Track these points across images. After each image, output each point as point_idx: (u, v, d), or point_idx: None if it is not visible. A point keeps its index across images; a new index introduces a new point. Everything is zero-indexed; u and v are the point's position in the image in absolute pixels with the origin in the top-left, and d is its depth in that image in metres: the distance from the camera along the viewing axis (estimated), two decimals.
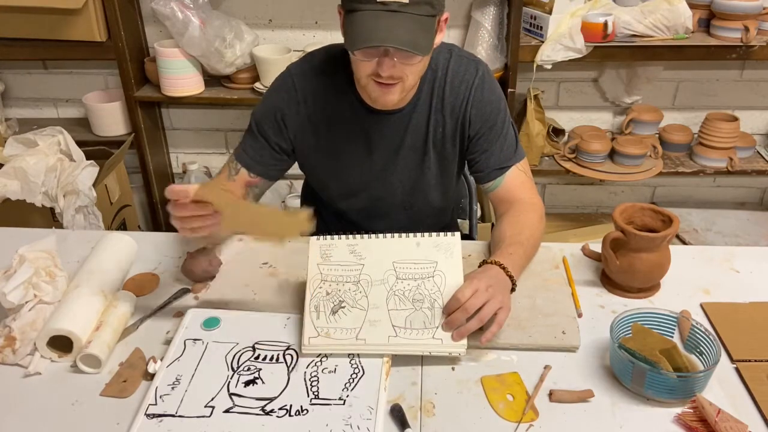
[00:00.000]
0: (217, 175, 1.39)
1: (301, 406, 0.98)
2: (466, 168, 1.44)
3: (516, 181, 1.32)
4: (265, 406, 0.98)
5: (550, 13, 2.13)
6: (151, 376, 1.04)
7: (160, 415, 0.96)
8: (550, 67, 2.17)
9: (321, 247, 1.15)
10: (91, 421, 0.98)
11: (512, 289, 1.12)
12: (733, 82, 2.51)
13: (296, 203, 2.25)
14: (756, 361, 1.06)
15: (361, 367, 1.04)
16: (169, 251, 1.37)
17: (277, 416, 0.96)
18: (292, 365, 1.05)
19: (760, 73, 2.48)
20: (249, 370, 1.05)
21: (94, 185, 2.08)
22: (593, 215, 2.76)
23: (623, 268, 1.19)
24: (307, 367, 1.05)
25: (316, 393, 1.00)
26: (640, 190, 2.76)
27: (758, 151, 2.48)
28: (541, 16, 2.18)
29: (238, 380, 1.03)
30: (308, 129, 1.32)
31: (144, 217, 2.74)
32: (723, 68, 2.47)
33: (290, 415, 0.96)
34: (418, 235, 1.15)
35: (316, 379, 1.02)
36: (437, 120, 1.31)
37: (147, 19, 2.40)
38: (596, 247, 1.28)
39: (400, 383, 1.03)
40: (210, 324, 1.13)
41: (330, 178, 1.40)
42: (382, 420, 0.95)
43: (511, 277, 1.11)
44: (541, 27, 2.18)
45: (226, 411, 0.97)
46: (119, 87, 2.36)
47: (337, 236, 1.16)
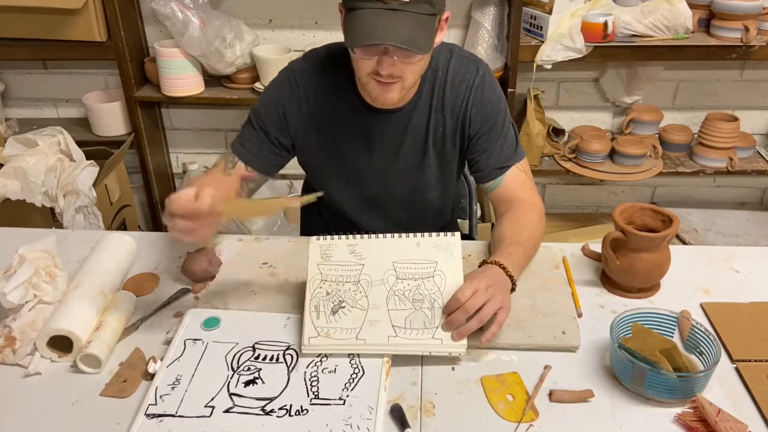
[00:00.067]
0: (211, 169, 1.36)
1: (301, 406, 0.98)
2: (466, 168, 1.44)
3: (516, 181, 1.32)
4: (265, 406, 0.98)
5: (550, 13, 2.13)
6: (151, 376, 1.04)
7: (160, 415, 0.96)
8: (550, 67, 2.17)
9: (321, 247, 1.15)
10: (91, 421, 0.98)
11: (512, 289, 1.12)
12: (733, 82, 2.51)
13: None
14: (756, 361, 1.06)
15: (361, 367, 1.04)
16: (169, 251, 1.37)
17: (277, 416, 0.96)
18: (292, 365, 1.05)
19: (760, 73, 2.48)
20: (249, 370, 1.05)
21: (94, 185, 2.08)
22: (593, 215, 2.76)
23: (623, 268, 1.19)
24: (307, 367, 1.05)
25: (316, 393, 1.00)
26: (640, 190, 2.76)
27: (758, 151, 2.48)
28: (541, 16, 2.18)
29: (238, 380, 1.03)
30: (309, 126, 1.32)
31: (144, 217, 2.74)
32: (723, 68, 2.46)
33: (290, 415, 0.96)
34: (418, 235, 1.15)
35: (316, 379, 1.02)
36: (437, 119, 1.31)
37: (147, 19, 2.40)
38: (596, 247, 1.27)
39: (400, 383, 1.03)
40: (210, 324, 1.13)
41: (330, 177, 1.40)
42: (382, 420, 0.95)
43: (511, 277, 1.11)
44: (541, 27, 2.18)
45: (226, 411, 0.97)
46: (119, 87, 2.36)
47: (337, 236, 1.16)
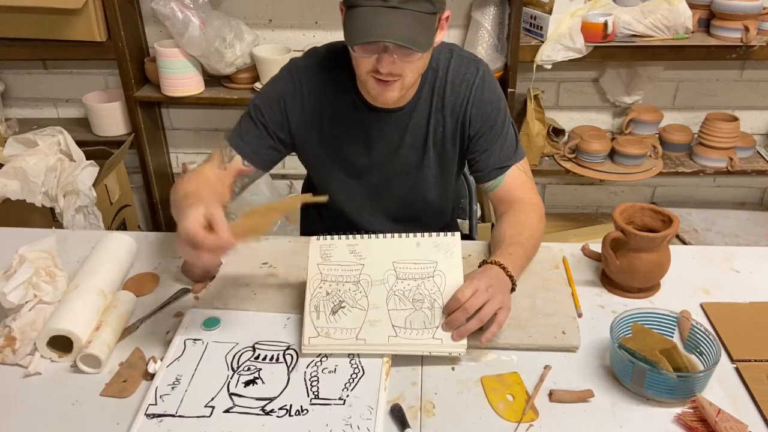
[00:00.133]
0: (206, 162, 1.34)
1: (301, 406, 0.98)
2: (466, 168, 1.44)
3: (516, 181, 1.32)
4: (265, 406, 0.98)
5: (550, 13, 2.13)
6: (151, 376, 1.04)
7: (160, 415, 0.96)
8: (550, 67, 2.17)
9: (321, 247, 1.15)
10: (91, 421, 0.98)
11: (512, 289, 1.12)
12: (733, 82, 2.51)
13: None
14: (756, 361, 1.06)
15: (361, 367, 1.04)
16: (169, 251, 1.37)
17: (277, 416, 0.96)
18: (292, 365, 1.05)
19: (760, 73, 2.48)
20: (249, 370, 1.04)
21: (94, 185, 2.08)
22: (593, 215, 2.76)
23: (623, 268, 1.19)
24: (307, 367, 1.05)
25: (316, 393, 1.00)
26: (640, 190, 2.76)
27: (758, 151, 2.48)
28: (541, 16, 2.18)
29: (238, 380, 1.03)
30: (310, 125, 1.32)
31: (144, 217, 2.74)
32: (723, 68, 2.46)
33: (290, 415, 0.96)
34: (418, 235, 1.15)
35: (316, 379, 1.02)
36: (437, 119, 1.31)
37: (147, 19, 2.40)
38: (596, 247, 1.27)
39: (400, 383, 1.03)
40: (210, 324, 1.13)
41: (329, 176, 1.40)
42: (382, 420, 0.95)
43: (511, 277, 1.11)
44: (541, 27, 2.18)
45: (226, 411, 0.97)
46: (119, 87, 2.36)
47: (337, 236, 1.16)
